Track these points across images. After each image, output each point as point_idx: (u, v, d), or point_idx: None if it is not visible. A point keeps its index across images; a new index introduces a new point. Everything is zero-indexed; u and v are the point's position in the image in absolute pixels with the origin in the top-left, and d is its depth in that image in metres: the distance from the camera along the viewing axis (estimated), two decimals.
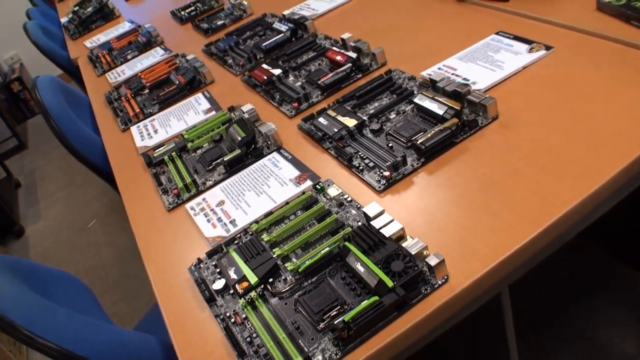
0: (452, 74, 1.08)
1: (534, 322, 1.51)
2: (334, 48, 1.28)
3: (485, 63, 1.08)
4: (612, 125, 0.84)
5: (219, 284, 0.80)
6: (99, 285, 2.36)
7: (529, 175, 0.81)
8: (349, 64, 1.19)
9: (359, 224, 0.82)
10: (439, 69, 1.12)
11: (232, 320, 0.75)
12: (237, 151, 1.05)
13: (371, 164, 0.92)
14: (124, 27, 2.16)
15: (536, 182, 0.80)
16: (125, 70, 1.70)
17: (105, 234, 2.68)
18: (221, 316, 0.76)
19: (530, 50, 1.07)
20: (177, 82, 1.44)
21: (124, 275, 2.37)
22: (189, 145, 1.15)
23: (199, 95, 1.39)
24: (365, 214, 0.79)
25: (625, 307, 1.50)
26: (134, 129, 1.34)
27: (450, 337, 0.77)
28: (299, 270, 0.76)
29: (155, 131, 1.29)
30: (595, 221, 0.85)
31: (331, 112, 1.07)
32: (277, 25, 1.54)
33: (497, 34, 1.17)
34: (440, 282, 0.70)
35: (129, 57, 1.81)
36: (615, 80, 0.93)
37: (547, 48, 1.06)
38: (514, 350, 0.98)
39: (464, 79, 1.06)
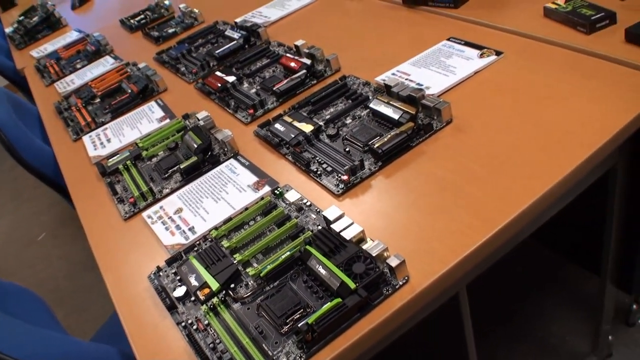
0: (406, 79, 1.10)
1: (489, 322, 1.53)
2: (288, 55, 1.29)
3: (437, 68, 1.11)
4: (561, 128, 0.87)
5: (179, 292, 0.79)
6: (50, 298, 2.29)
7: (484, 177, 0.83)
8: (304, 71, 1.20)
9: (319, 227, 0.82)
10: (393, 74, 1.14)
11: (195, 327, 0.74)
12: (194, 158, 1.05)
13: (329, 169, 0.93)
14: (72, 36, 2.12)
15: (491, 183, 0.81)
16: (75, 80, 1.67)
17: (55, 246, 2.62)
18: (183, 323, 0.75)
19: (481, 56, 1.10)
20: (129, 91, 1.42)
21: (75, 288, 2.32)
22: (144, 153, 1.14)
23: (152, 103, 1.38)
24: (325, 217, 0.79)
25: (575, 305, 1.54)
26: (86, 138, 1.32)
27: (411, 336, 0.78)
28: (261, 275, 0.76)
29: (108, 140, 1.27)
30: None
31: (287, 118, 1.07)
32: (229, 32, 1.53)
33: (448, 40, 1.19)
34: (401, 283, 0.71)
35: (78, 66, 1.78)
36: (563, 84, 0.96)
37: (498, 53, 1.09)
38: (472, 351, 1.00)
39: (418, 84, 1.08)
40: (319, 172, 0.93)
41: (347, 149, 0.96)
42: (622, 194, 1.05)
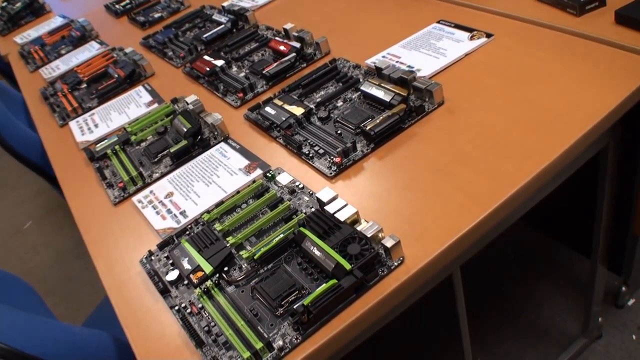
0: (397, 62, 1.10)
1: (481, 304, 1.54)
2: (277, 38, 1.28)
3: (428, 51, 1.10)
4: (552, 109, 0.87)
5: (172, 275, 0.78)
6: (38, 288, 2.28)
7: (477, 158, 0.83)
8: (293, 54, 1.19)
9: (313, 209, 0.82)
10: (383, 57, 1.13)
11: (188, 310, 0.73)
12: (184, 142, 1.04)
13: (321, 151, 0.93)
14: (56, 22, 2.09)
15: (484, 164, 0.81)
16: (60, 66, 1.65)
17: (42, 235, 2.60)
18: (176, 307, 0.74)
19: (472, 38, 1.09)
20: (116, 76, 1.41)
21: (63, 277, 2.31)
22: (133, 138, 1.12)
23: (140, 88, 1.36)
24: (318, 199, 0.79)
25: (566, 287, 1.55)
26: (72, 124, 1.30)
27: (406, 318, 0.78)
28: (255, 257, 0.76)
29: (96, 125, 1.26)
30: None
31: (278, 101, 1.07)
32: (216, 16, 1.52)
33: (438, 22, 1.19)
34: (396, 264, 0.71)
35: (62, 52, 1.76)
36: (554, 66, 0.96)
37: (488, 36, 1.08)
38: (465, 332, 1.00)
39: (409, 66, 1.07)
40: (311, 155, 0.93)
41: (338, 132, 0.95)
42: (613, 175, 1.05)
